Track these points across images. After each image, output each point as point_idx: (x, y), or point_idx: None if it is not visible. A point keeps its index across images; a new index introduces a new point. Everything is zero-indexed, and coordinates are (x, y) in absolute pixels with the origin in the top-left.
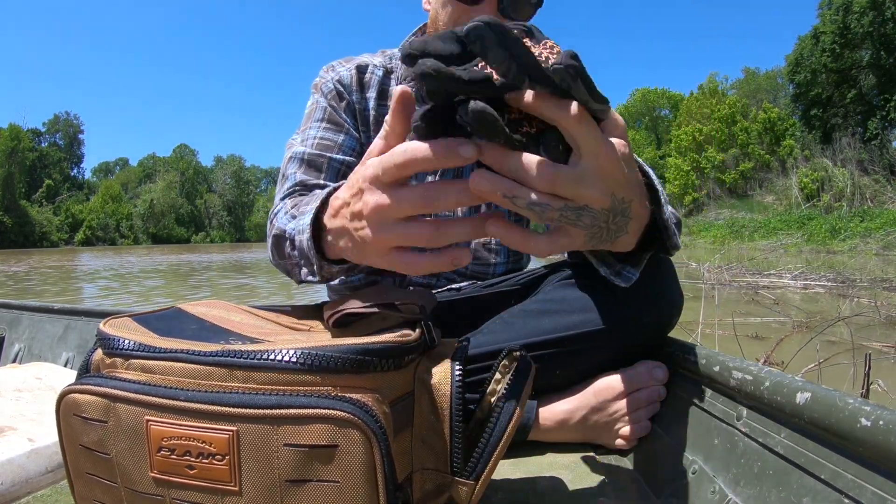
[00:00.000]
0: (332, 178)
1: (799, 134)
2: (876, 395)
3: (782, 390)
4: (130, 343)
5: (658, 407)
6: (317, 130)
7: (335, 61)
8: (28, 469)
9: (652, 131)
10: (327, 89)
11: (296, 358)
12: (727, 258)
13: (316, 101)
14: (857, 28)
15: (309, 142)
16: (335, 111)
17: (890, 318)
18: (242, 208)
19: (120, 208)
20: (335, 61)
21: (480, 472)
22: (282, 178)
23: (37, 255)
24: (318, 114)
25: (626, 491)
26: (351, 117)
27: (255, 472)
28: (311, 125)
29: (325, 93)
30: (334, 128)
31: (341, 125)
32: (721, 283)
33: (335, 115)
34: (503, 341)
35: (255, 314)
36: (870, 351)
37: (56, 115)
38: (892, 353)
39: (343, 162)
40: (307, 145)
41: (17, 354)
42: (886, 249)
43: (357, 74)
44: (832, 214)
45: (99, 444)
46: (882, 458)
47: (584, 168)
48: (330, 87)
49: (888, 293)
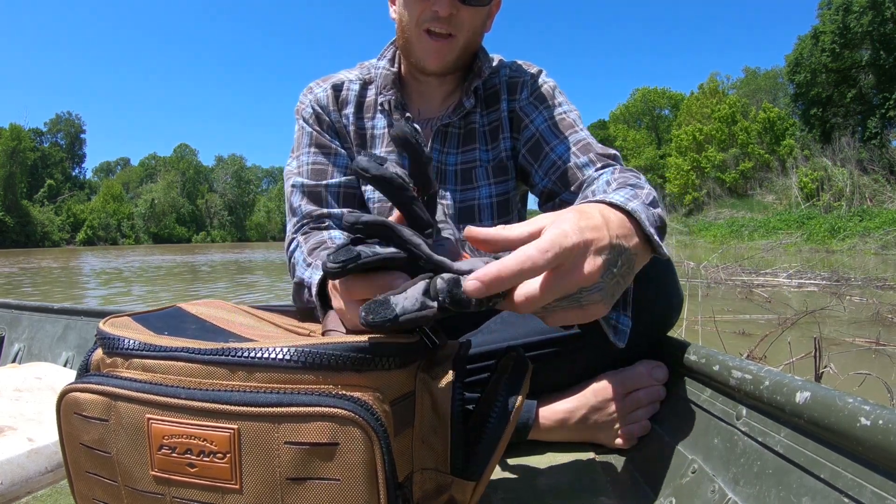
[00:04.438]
0: (332, 203)
1: (799, 133)
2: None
3: (782, 390)
4: (131, 342)
5: (658, 407)
6: (308, 156)
7: (313, 82)
8: (28, 469)
9: (652, 131)
10: (307, 114)
11: (297, 356)
12: (726, 257)
13: (301, 126)
14: (857, 28)
15: (304, 169)
16: (320, 134)
17: (879, 315)
18: (243, 208)
19: (121, 208)
20: (313, 82)
21: (480, 472)
22: (289, 210)
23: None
24: (305, 139)
25: (626, 490)
26: (334, 136)
27: (256, 470)
28: (302, 151)
29: (306, 118)
30: (323, 150)
31: (329, 147)
32: (717, 281)
33: (321, 138)
34: (503, 340)
35: (254, 315)
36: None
37: (57, 114)
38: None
39: (339, 184)
40: (303, 174)
41: (16, 354)
42: (885, 249)
43: (333, 93)
44: (831, 214)
45: (99, 443)
46: (881, 458)
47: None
48: (309, 111)
49: (881, 292)
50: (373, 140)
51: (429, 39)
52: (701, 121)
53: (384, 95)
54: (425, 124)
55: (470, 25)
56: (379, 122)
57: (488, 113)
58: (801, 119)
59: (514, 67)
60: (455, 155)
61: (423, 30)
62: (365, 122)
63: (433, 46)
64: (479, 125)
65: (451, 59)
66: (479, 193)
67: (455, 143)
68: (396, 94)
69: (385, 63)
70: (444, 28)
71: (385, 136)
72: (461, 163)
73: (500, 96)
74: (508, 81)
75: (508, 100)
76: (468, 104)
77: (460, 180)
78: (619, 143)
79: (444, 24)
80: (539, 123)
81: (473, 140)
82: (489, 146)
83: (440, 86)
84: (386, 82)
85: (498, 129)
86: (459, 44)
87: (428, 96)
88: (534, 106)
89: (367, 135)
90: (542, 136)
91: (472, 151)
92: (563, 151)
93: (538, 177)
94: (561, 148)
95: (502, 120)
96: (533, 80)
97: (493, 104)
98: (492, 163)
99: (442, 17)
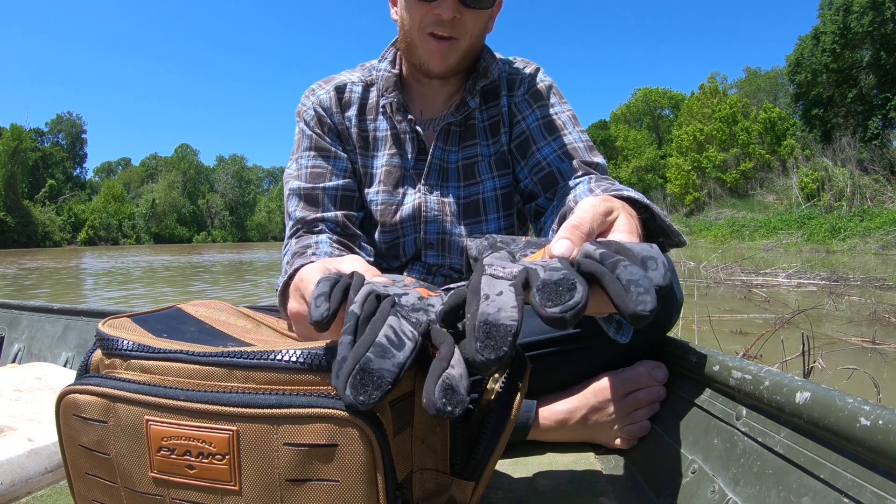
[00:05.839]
0: (329, 205)
1: (799, 134)
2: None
3: (782, 390)
4: (129, 343)
5: (658, 407)
6: (307, 160)
7: (315, 84)
8: (28, 469)
9: (653, 131)
10: (308, 116)
11: (295, 357)
12: (726, 257)
13: (301, 129)
14: (857, 28)
15: (303, 172)
16: (320, 137)
17: (875, 315)
18: (244, 208)
19: (122, 208)
20: (315, 84)
21: (480, 472)
22: (286, 216)
23: (37, 256)
24: (304, 142)
25: (626, 491)
26: (335, 139)
27: (256, 472)
28: (301, 154)
29: (307, 121)
30: (322, 154)
31: (328, 150)
32: (716, 281)
33: (321, 141)
34: None
35: (254, 318)
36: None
37: (58, 115)
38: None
39: (337, 187)
40: (301, 178)
41: (16, 354)
42: (885, 249)
43: (336, 95)
44: (832, 214)
45: (98, 444)
46: (881, 458)
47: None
48: (311, 113)
49: (880, 291)
50: (375, 143)
51: (432, 42)
52: (702, 121)
53: (386, 98)
54: (427, 125)
55: (472, 28)
56: (381, 125)
57: (487, 109)
58: (802, 119)
59: (512, 64)
60: (456, 152)
61: (426, 33)
62: (367, 125)
63: (436, 49)
64: (478, 121)
65: (454, 61)
66: (483, 188)
67: (456, 140)
68: (398, 96)
69: (386, 65)
70: (447, 31)
71: (387, 139)
72: (462, 159)
73: (500, 92)
74: (508, 78)
75: (507, 95)
76: (473, 104)
77: (463, 176)
78: (620, 142)
79: (447, 28)
80: (531, 122)
81: (474, 136)
82: (490, 141)
83: (442, 87)
84: (387, 84)
85: (498, 123)
86: (462, 47)
87: (430, 98)
88: (528, 103)
89: (370, 137)
90: (531, 134)
91: (473, 147)
92: (549, 153)
93: (523, 174)
94: (547, 150)
95: (502, 115)
96: (531, 78)
97: (492, 100)
98: (493, 157)
99: (445, 20)
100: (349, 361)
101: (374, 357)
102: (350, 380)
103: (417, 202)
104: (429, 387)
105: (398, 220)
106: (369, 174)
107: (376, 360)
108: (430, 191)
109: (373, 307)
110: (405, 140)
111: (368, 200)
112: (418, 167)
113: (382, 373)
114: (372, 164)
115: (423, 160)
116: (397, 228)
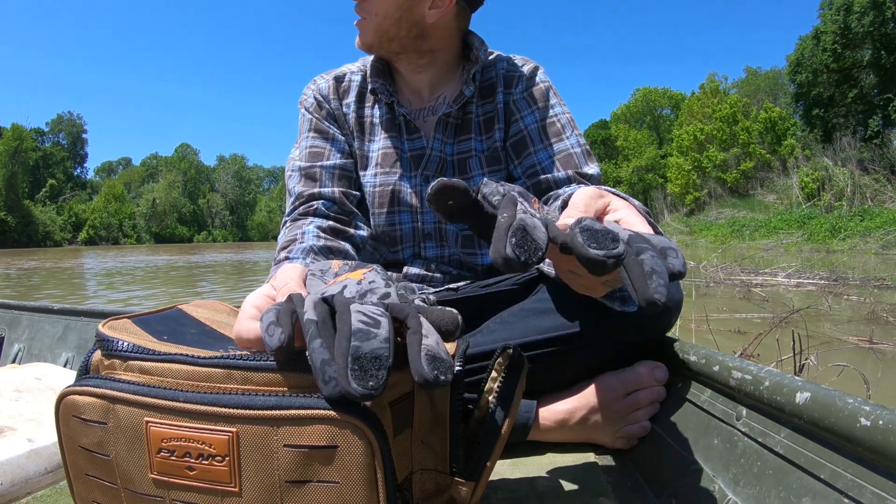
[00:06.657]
0: (327, 182)
1: (800, 133)
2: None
3: (782, 390)
4: (129, 345)
5: (658, 407)
6: (307, 141)
7: (318, 76)
8: (27, 469)
9: (653, 131)
10: (309, 103)
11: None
12: (726, 257)
13: (302, 115)
14: (858, 28)
15: (303, 152)
16: (319, 121)
17: (873, 314)
18: (245, 208)
19: (123, 208)
20: (318, 76)
21: (480, 472)
22: (287, 194)
23: (38, 256)
24: (305, 126)
25: (626, 491)
26: (333, 123)
27: (255, 473)
28: (302, 137)
29: (307, 107)
30: (321, 135)
31: (327, 132)
32: (716, 281)
33: (320, 124)
34: (501, 340)
35: None
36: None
37: (59, 114)
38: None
39: (335, 165)
40: (302, 157)
41: (16, 355)
42: (885, 249)
43: (335, 84)
44: (832, 214)
45: (98, 446)
46: (882, 458)
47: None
48: (311, 100)
49: (879, 291)
50: (372, 128)
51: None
52: (702, 120)
53: (372, 82)
54: (417, 114)
55: (378, 8)
56: (377, 111)
57: (483, 104)
58: (803, 119)
59: (511, 61)
60: (452, 145)
61: None
62: (365, 111)
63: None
64: (474, 115)
65: (368, 41)
66: (474, 183)
67: (452, 133)
68: (380, 81)
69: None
70: (357, 12)
71: (383, 123)
72: (457, 153)
73: (497, 88)
74: (505, 74)
75: (504, 92)
76: (468, 92)
77: (457, 170)
78: (621, 142)
79: (357, 10)
80: (529, 122)
81: (469, 130)
82: (483, 136)
83: (417, 73)
84: (372, 71)
85: (493, 119)
86: (370, 26)
87: (413, 85)
88: (527, 102)
89: (367, 122)
90: (529, 135)
91: (468, 141)
92: (545, 158)
93: (517, 173)
94: (543, 154)
95: (497, 111)
96: (530, 76)
97: (488, 95)
98: (486, 153)
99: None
100: (337, 359)
101: (360, 343)
102: (350, 373)
103: (415, 190)
104: (415, 362)
105: (396, 203)
106: (366, 157)
107: (364, 345)
108: (426, 181)
109: (325, 309)
110: (400, 124)
111: (365, 182)
112: (413, 150)
113: (376, 352)
114: (369, 147)
115: (415, 142)
116: (395, 213)
